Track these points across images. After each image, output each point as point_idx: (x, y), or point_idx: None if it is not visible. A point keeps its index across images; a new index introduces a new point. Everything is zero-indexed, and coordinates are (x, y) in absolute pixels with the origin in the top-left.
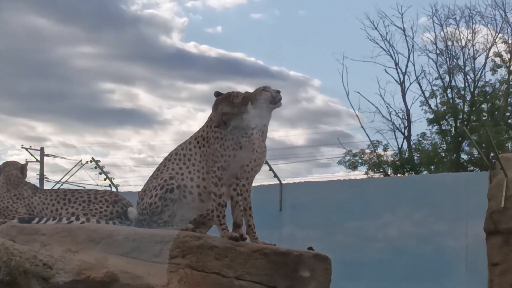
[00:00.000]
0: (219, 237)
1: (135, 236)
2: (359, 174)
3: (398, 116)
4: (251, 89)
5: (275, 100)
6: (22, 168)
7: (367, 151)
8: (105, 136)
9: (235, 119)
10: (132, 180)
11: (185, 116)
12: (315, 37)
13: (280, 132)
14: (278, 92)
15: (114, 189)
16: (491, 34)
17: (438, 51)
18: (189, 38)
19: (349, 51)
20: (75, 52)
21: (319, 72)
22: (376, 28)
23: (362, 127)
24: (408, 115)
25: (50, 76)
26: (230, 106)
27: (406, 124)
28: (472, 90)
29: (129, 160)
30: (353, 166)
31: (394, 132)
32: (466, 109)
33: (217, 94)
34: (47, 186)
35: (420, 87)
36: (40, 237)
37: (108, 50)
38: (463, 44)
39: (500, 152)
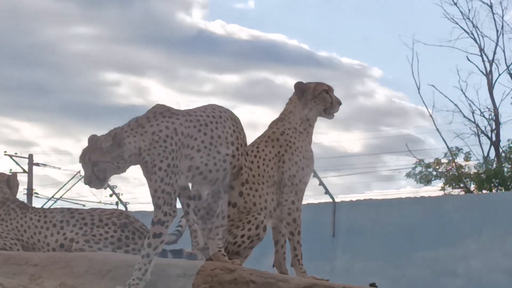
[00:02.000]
0: (256, 270)
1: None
2: (433, 190)
3: (484, 116)
4: (291, 80)
5: (330, 110)
6: (8, 181)
7: (444, 160)
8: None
9: (110, 168)
10: (143, 196)
11: None
12: (375, 15)
13: (330, 136)
14: (340, 103)
15: (122, 208)
16: None
17: None
18: (214, 15)
19: (421, 33)
20: (70, 34)
21: (380, 59)
22: (455, 4)
23: (437, 130)
24: (497, 115)
25: (38, 64)
26: (99, 154)
27: (494, 127)
28: None
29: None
30: (425, 180)
31: (479, 136)
32: None
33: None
34: (36, 203)
35: None
36: (30, 268)
37: (110, 32)
38: None
39: None
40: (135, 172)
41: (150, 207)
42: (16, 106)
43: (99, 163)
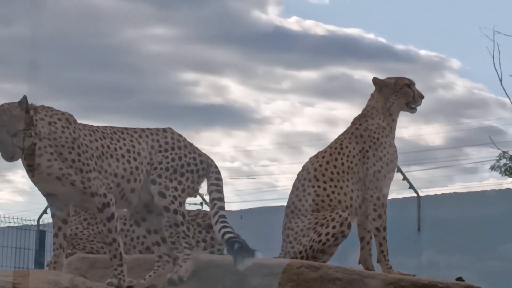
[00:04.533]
0: (341, 267)
1: (237, 268)
2: None
3: None
4: (370, 75)
5: (413, 104)
6: None
7: None
8: (188, 140)
9: (27, 137)
10: (225, 195)
11: (289, 112)
12: (453, 5)
13: (410, 130)
14: (422, 97)
15: (206, 209)
16: None
17: None
18: (290, 12)
19: (502, 24)
20: (145, 35)
21: (458, 50)
22: None
23: None
24: None
25: (114, 66)
26: (15, 123)
27: None
28: None
29: (220, 171)
30: (510, 172)
31: None
32: None
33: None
34: None
35: None
36: None
37: (187, 31)
38: None
39: None
40: None
41: (234, 207)
42: (94, 108)
43: (18, 134)
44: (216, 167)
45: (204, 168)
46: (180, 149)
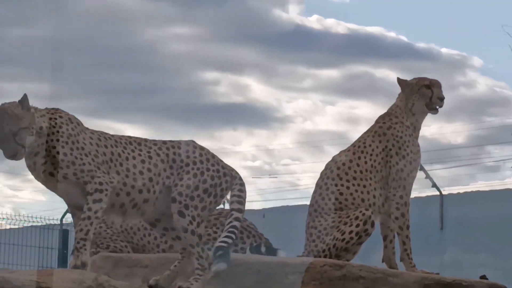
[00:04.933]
0: (365, 265)
1: (260, 266)
2: None
3: None
4: (392, 73)
5: (430, 105)
6: None
7: None
8: (210, 140)
9: (29, 136)
10: (247, 194)
11: (310, 111)
12: (475, 3)
13: (432, 129)
14: (441, 98)
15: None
16: None
17: None
18: (311, 11)
19: None
20: (167, 35)
21: (479, 48)
22: None
23: None
24: None
25: (136, 66)
26: (17, 122)
27: None
28: None
29: (242, 170)
30: None
31: None
32: None
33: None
34: None
35: None
36: (141, 270)
37: (208, 30)
38: None
39: None
40: (240, 171)
41: (256, 206)
42: (117, 108)
43: (19, 132)
44: (240, 179)
45: (228, 181)
46: (202, 163)
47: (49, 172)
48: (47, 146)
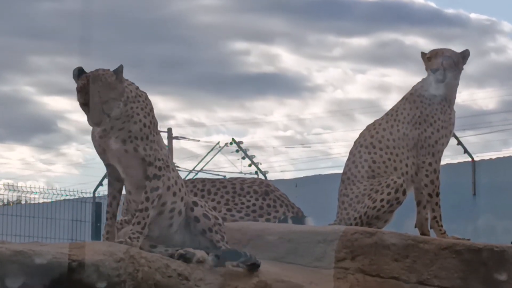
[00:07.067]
0: (396, 232)
1: (291, 235)
2: None
3: None
4: (421, 40)
5: (438, 78)
6: None
7: None
8: (242, 110)
9: (116, 107)
10: (278, 164)
11: (341, 79)
12: None
13: (464, 95)
14: (434, 70)
15: (262, 177)
16: None
17: None
18: None
19: None
20: (195, 6)
21: (509, 13)
22: None
23: None
24: None
25: (165, 38)
26: (108, 90)
27: None
28: None
29: (273, 140)
30: None
31: None
32: None
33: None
34: None
35: None
36: None
37: (237, 1)
38: None
39: None
40: (272, 141)
41: (288, 176)
42: (149, 81)
43: (109, 101)
44: None
45: None
46: None
47: (122, 138)
48: (130, 112)
